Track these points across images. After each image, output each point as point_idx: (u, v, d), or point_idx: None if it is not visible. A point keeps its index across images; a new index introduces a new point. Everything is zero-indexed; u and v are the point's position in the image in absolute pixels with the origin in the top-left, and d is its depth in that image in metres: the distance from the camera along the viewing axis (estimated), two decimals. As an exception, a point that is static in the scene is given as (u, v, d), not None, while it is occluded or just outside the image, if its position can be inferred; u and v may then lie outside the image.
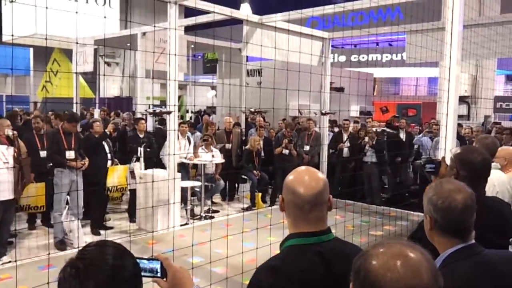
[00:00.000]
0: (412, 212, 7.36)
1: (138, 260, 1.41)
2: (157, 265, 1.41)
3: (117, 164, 7.17)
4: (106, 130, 6.92)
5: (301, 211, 1.56)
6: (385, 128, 9.08)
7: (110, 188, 6.89)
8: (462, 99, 11.79)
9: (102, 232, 6.63)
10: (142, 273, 1.40)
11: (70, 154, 6.07)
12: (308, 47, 8.35)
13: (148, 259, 1.42)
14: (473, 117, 14.24)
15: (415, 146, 9.08)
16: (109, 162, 7.00)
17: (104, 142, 6.95)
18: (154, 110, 7.45)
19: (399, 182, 9.02)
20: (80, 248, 1.20)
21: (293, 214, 1.59)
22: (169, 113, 6.52)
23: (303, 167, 1.67)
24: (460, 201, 1.66)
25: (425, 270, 1.01)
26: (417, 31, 7.88)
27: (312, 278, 1.50)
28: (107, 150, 6.99)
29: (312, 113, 11.42)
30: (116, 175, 6.99)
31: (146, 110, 7.77)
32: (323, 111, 8.92)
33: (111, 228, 6.95)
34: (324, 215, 1.60)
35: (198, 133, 9.57)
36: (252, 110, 10.22)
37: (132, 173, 7.19)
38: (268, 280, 1.47)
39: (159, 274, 1.42)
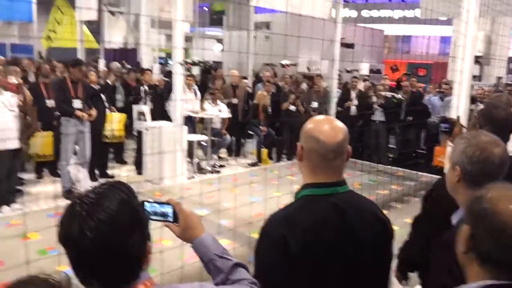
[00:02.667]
0: (420, 173, 7.33)
1: (150, 204, 1.39)
2: (169, 210, 1.40)
3: (113, 112, 7.09)
4: (108, 81, 6.83)
5: (323, 159, 1.52)
6: (394, 94, 8.88)
7: (107, 135, 6.87)
8: (476, 59, 11.46)
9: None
10: (154, 217, 1.39)
11: (78, 103, 5.98)
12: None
13: (160, 203, 1.40)
14: (485, 78, 13.92)
15: (429, 106, 8.91)
16: (107, 111, 6.94)
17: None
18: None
19: (407, 141, 8.92)
20: None
21: (315, 162, 1.54)
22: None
23: (322, 116, 1.63)
24: (497, 155, 1.60)
25: None
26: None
27: (326, 229, 1.48)
28: (104, 99, 6.89)
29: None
30: (113, 122, 6.95)
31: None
32: (284, 63, 8.74)
33: (113, 177, 6.96)
34: (343, 165, 1.58)
35: None
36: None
37: (140, 114, 7.09)
38: (279, 232, 1.45)
39: (170, 219, 1.40)
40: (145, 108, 7.11)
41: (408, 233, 2.49)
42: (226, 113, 8.09)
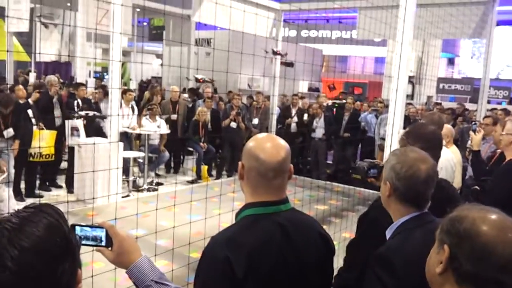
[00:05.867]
0: (357, 188, 7.49)
1: (80, 228, 1.26)
2: (101, 233, 1.28)
3: (42, 129, 6.68)
4: (29, 100, 6.52)
5: (263, 178, 1.48)
6: (335, 101, 9.11)
7: (33, 153, 6.45)
8: (409, 79, 12.12)
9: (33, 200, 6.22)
10: (84, 242, 1.26)
11: (9, 132, 5.82)
12: (260, 18, 8.15)
13: (91, 227, 1.28)
14: (416, 97, 14.72)
15: (362, 124, 9.21)
16: (34, 127, 6.52)
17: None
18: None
19: (343, 157, 9.13)
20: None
21: (255, 181, 1.50)
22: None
23: (264, 134, 1.61)
24: (424, 171, 1.64)
25: None
26: (371, 7, 7.86)
27: (271, 251, 1.45)
28: (31, 115, 6.49)
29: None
30: (41, 140, 6.51)
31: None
32: (199, 77, 8.96)
33: (41, 197, 6.54)
34: (285, 184, 1.55)
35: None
36: (199, 77, 9.87)
37: (73, 129, 6.68)
38: (224, 253, 1.39)
39: (103, 243, 1.28)
40: (79, 122, 6.75)
41: (343, 258, 2.40)
42: (164, 129, 7.88)
